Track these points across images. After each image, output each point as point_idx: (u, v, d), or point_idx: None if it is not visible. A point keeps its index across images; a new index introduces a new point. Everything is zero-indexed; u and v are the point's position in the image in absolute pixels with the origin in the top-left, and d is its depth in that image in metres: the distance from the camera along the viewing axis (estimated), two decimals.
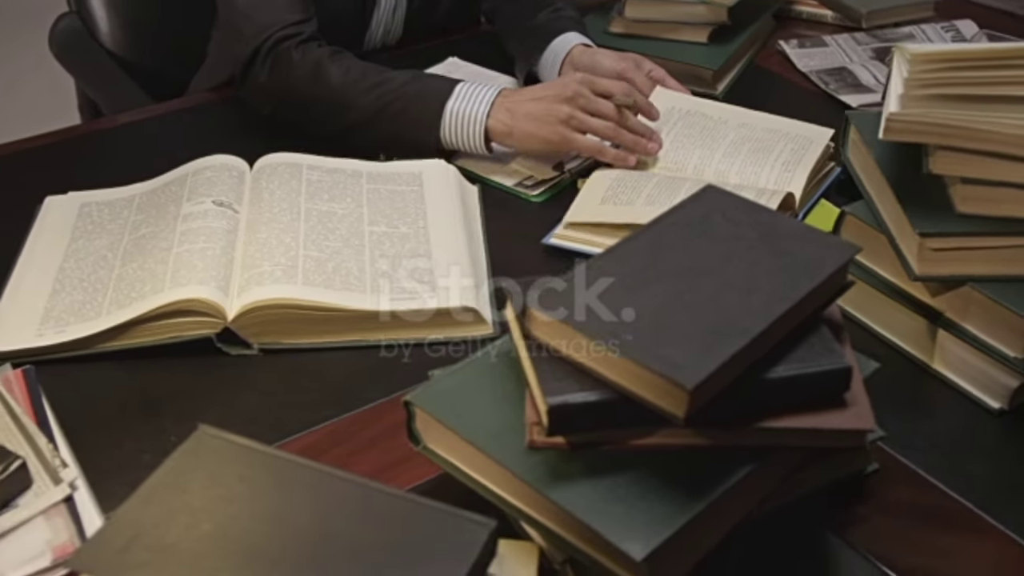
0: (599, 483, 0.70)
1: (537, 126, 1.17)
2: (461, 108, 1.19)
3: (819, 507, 0.80)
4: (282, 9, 1.26)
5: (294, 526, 0.64)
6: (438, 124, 1.19)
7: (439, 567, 0.61)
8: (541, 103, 1.18)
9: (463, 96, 1.20)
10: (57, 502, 0.77)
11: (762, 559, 0.77)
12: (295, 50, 1.24)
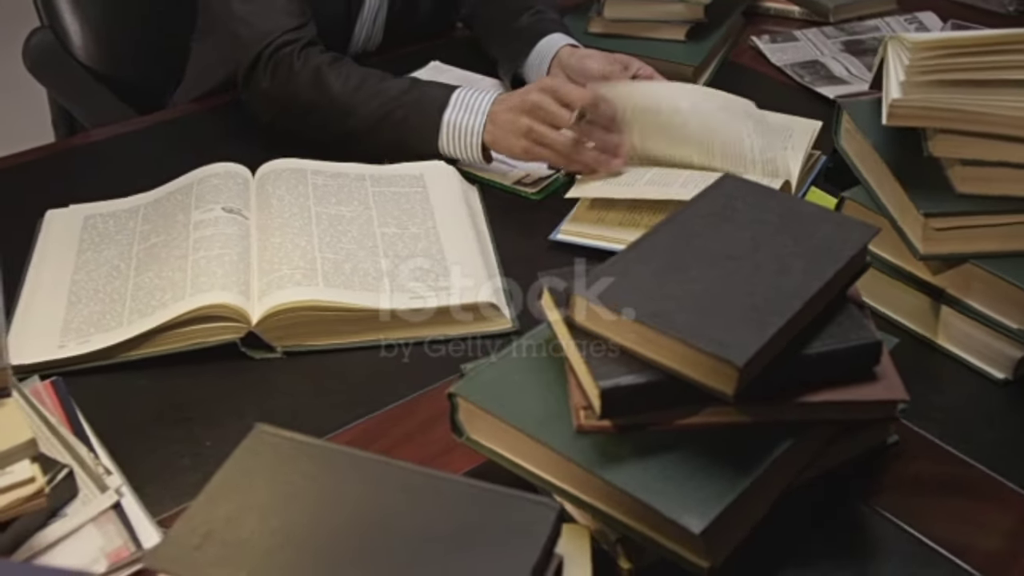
0: (649, 462, 0.72)
1: (507, 137, 1.18)
2: (458, 119, 1.20)
3: (848, 478, 0.84)
4: (281, 14, 1.27)
5: (362, 517, 0.65)
6: (437, 136, 1.20)
7: (513, 549, 0.62)
8: (509, 114, 1.18)
9: (460, 105, 1.20)
10: (106, 509, 0.77)
11: (797, 529, 0.79)
12: (296, 56, 1.25)
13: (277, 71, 1.25)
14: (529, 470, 0.77)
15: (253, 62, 1.26)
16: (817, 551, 0.78)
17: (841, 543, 0.79)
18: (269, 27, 1.25)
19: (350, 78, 1.23)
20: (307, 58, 1.25)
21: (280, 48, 1.25)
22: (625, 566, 0.75)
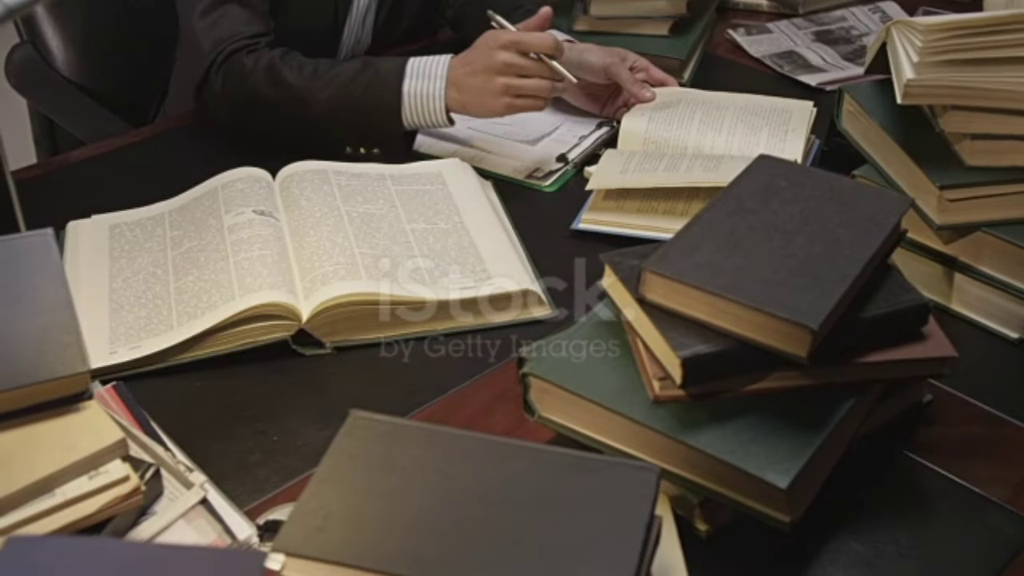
0: (727, 426, 0.76)
1: (482, 99, 1.21)
2: (418, 88, 1.22)
3: (892, 435, 0.89)
4: (239, 23, 1.30)
5: (474, 491, 0.67)
6: (399, 107, 1.23)
7: (625, 512, 0.66)
8: (478, 77, 1.20)
9: (417, 74, 1.23)
10: (194, 504, 0.79)
11: (851, 484, 0.84)
12: (246, 57, 1.27)
13: (230, 73, 1.28)
14: (605, 443, 0.80)
15: (207, 68, 1.28)
16: (872, 503, 0.83)
17: (894, 495, 0.84)
18: (225, 35, 1.28)
19: (303, 68, 1.26)
20: (258, 57, 1.27)
21: (232, 54, 1.27)
22: (703, 528, 0.78)
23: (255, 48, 1.29)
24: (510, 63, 1.19)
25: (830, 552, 0.79)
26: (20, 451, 0.74)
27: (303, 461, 0.87)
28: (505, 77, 1.19)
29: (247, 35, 1.29)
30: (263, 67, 1.26)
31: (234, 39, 1.28)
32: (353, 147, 1.27)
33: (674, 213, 1.15)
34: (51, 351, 0.77)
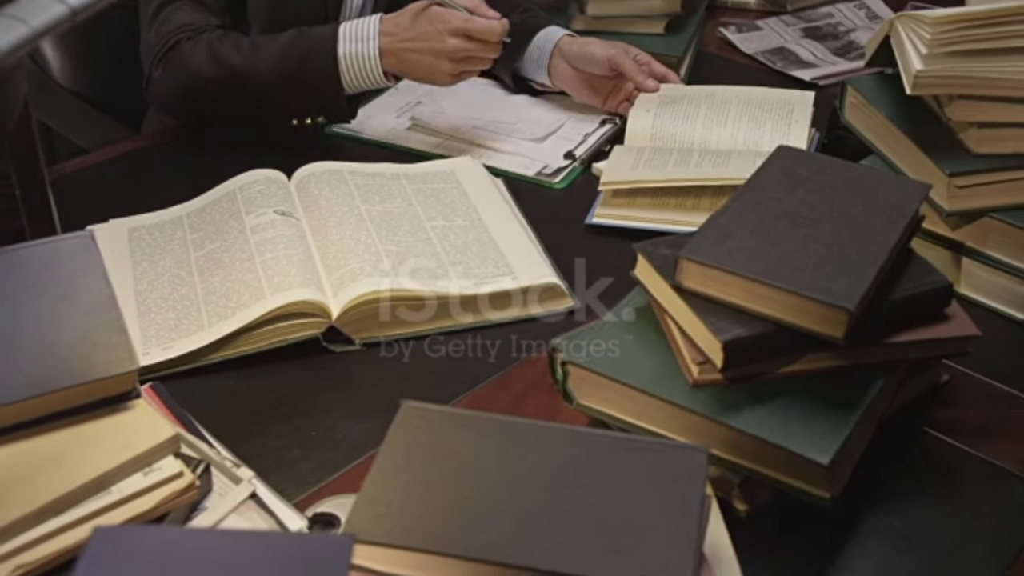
0: (766, 407, 0.79)
1: (430, 76, 1.28)
2: (352, 50, 1.26)
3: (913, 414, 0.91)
4: (185, 18, 1.32)
5: (529, 475, 0.69)
6: (336, 71, 1.27)
7: (680, 492, 0.68)
8: (425, 56, 1.26)
9: (349, 38, 1.27)
10: (245, 499, 0.80)
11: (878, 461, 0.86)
12: (185, 44, 1.30)
13: (170, 61, 1.30)
14: (645, 428, 0.82)
15: (150, 62, 1.31)
16: (900, 480, 0.86)
17: (920, 471, 0.87)
18: (169, 28, 1.31)
19: (240, 45, 1.29)
20: (197, 42, 1.30)
21: (176, 44, 1.30)
22: (742, 507, 0.81)
23: (194, 36, 1.31)
24: (460, 48, 1.25)
25: (865, 527, 0.81)
26: (75, 450, 0.75)
27: (343, 455, 0.88)
28: (455, 62, 1.26)
29: (192, 27, 1.31)
30: (202, 49, 1.29)
31: (178, 31, 1.31)
32: (299, 119, 1.31)
33: (684, 207, 1.17)
34: (100, 350, 0.78)
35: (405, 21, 1.27)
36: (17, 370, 0.76)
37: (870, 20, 1.73)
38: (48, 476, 0.74)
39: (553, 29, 1.44)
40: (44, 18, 0.57)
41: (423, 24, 1.26)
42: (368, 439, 0.90)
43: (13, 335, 0.78)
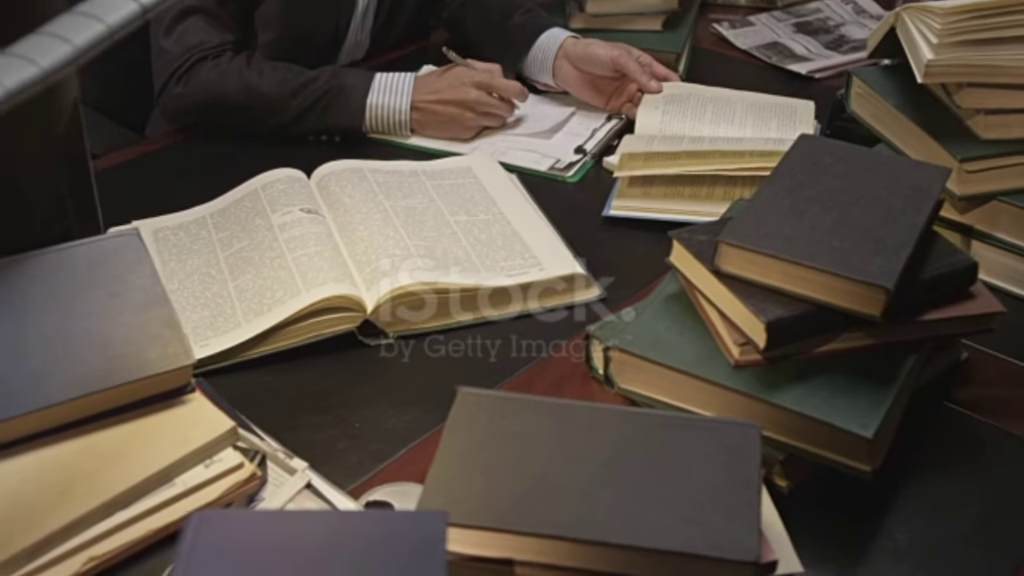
0: (806, 385, 0.81)
1: (452, 128, 1.36)
2: (382, 101, 1.34)
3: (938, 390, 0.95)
4: (203, 33, 1.35)
5: (591, 454, 0.71)
6: (362, 117, 1.34)
7: (737, 466, 0.70)
8: (448, 108, 1.35)
9: (382, 89, 1.35)
10: (301, 488, 0.81)
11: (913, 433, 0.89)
12: (211, 64, 1.34)
13: (193, 79, 1.34)
14: (688, 409, 0.85)
15: (170, 75, 1.34)
16: (930, 453, 0.89)
17: (948, 444, 0.90)
18: (190, 44, 1.34)
19: (270, 75, 1.34)
20: (224, 64, 1.34)
21: (197, 62, 1.34)
22: (783, 484, 0.83)
23: (219, 55, 1.35)
24: (482, 101, 1.36)
25: (901, 499, 0.84)
26: (136, 444, 0.76)
27: (390, 445, 0.90)
28: (475, 113, 1.36)
29: (211, 44, 1.35)
30: (232, 74, 1.33)
31: (199, 49, 1.34)
32: (315, 136, 1.37)
33: (699, 197, 1.20)
34: (155, 346, 0.79)
35: (431, 78, 1.38)
36: (74, 368, 0.77)
37: (857, 15, 1.78)
38: (112, 471, 0.75)
39: (556, 31, 1.47)
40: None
41: (448, 78, 1.37)
42: (412, 429, 0.92)
43: (68, 333, 0.78)
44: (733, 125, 1.31)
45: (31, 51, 0.54)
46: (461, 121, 1.36)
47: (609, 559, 0.66)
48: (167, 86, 1.35)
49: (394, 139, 1.37)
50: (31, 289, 0.81)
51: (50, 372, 0.76)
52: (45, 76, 0.54)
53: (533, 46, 1.46)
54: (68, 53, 0.56)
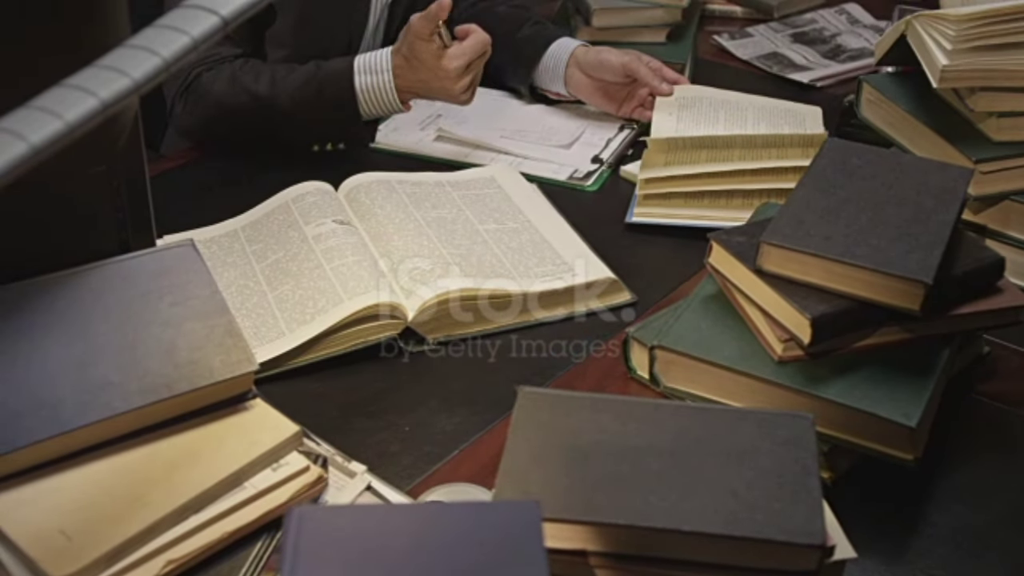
0: (848, 378, 0.84)
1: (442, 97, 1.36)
2: (368, 82, 1.35)
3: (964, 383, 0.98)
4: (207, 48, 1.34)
5: (653, 448, 0.74)
6: (355, 101, 1.35)
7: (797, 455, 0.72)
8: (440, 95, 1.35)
9: (365, 70, 1.35)
10: (362, 490, 0.83)
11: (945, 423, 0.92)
12: (206, 75, 1.35)
13: (193, 92, 1.36)
14: (733, 405, 0.87)
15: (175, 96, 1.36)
16: (963, 442, 0.92)
17: (979, 433, 0.94)
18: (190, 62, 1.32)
19: (262, 76, 1.35)
20: (218, 72, 1.35)
21: (196, 78, 1.35)
22: (827, 475, 0.86)
23: (215, 66, 1.36)
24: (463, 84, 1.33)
25: (938, 487, 0.88)
26: (205, 449, 0.78)
27: (442, 447, 0.92)
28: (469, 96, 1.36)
29: (213, 58, 1.36)
30: (224, 78, 1.35)
31: (200, 63, 1.36)
32: (320, 145, 1.38)
33: (717, 206, 1.23)
34: (219, 353, 0.81)
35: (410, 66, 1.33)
36: (141, 376, 0.78)
37: (852, 24, 1.82)
38: (183, 476, 0.76)
39: (566, 40, 1.50)
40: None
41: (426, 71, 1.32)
42: (461, 431, 0.94)
43: (134, 342, 0.80)
44: (747, 129, 1.35)
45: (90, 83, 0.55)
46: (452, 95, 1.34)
47: (679, 546, 0.68)
48: (174, 106, 1.37)
49: (417, 152, 1.38)
50: (94, 301, 0.82)
51: (117, 381, 0.78)
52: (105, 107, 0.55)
53: (544, 56, 1.49)
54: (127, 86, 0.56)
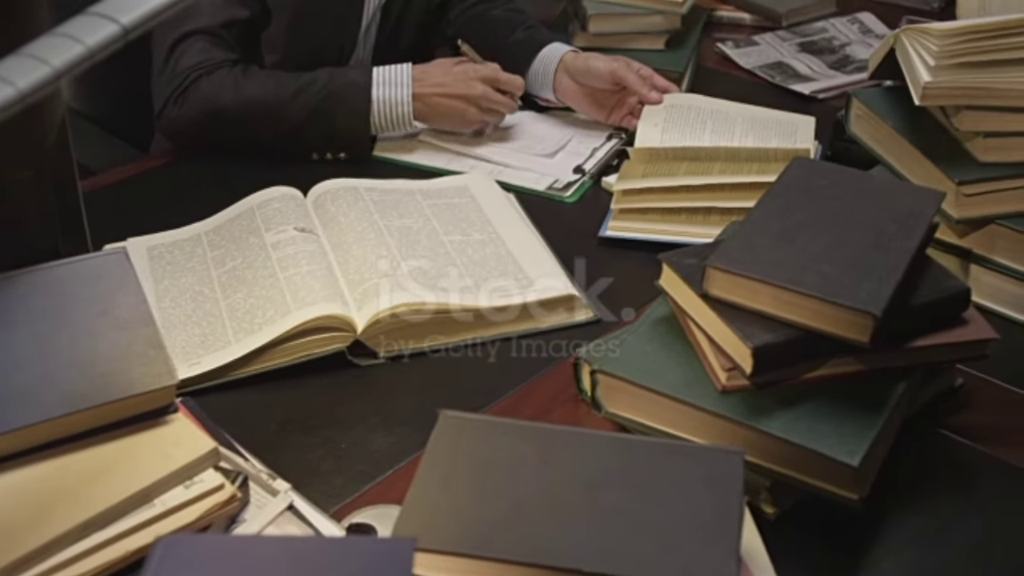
0: (793, 412, 0.80)
1: (451, 121, 1.38)
2: (386, 95, 1.34)
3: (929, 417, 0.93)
4: (201, 53, 1.35)
5: (572, 480, 0.71)
6: (368, 113, 1.34)
7: (719, 494, 0.69)
8: (452, 102, 1.36)
9: (383, 82, 1.35)
10: (283, 510, 0.81)
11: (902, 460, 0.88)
12: (206, 79, 1.33)
13: (190, 96, 1.34)
14: (675, 434, 0.84)
15: (167, 97, 1.34)
16: (920, 481, 0.87)
17: (939, 472, 0.89)
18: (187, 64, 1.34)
19: (267, 82, 1.34)
20: (219, 77, 1.33)
21: (193, 82, 1.33)
22: (770, 510, 0.82)
23: (214, 71, 1.34)
24: (486, 96, 1.37)
25: (890, 527, 0.83)
26: (117, 464, 0.76)
27: (375, 466, 0.89)
28: (479, 108, 1.37)
29: (211, 63, 1.35)
30: (227, 84, 1.33)
31: (196, 67, 1.34)
32: (320, 154, 1.36)
33: (694, 222, 1.19)
34: (139, 365, 0.79)
35: (435, 70, 1.38)
36: (59, 385, 0.77)
37: (863, 34, 1.77)
38: (92, 490, 0.74)
39: (557, 45, 1.47)
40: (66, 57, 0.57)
41: (456, 73, 1.37)
42: (398, 450, 0.91)
43: (54, 351, 0.78)
44: (733, 142, 1.31)
45: (9, 72, 0.54)
46: (464, 115, 1.37)
47: None
48: (165, 108, 1.35)
49: (396, 157, 1.37)
50: (18, 307, 0.81)
51: (35, 390, 0.76)
52: (23, 97, 0.54)
53: (534, 61, 1.47)
54: (47, 74, 0.56)
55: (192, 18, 1.34)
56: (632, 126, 1.38)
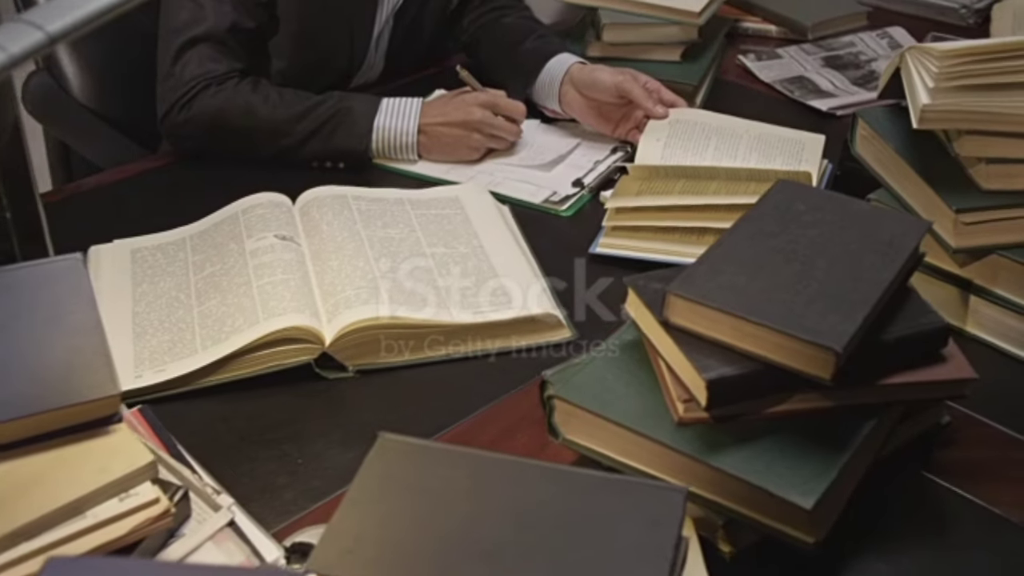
0: (751, 448, 0.77)
1: (456, 150, 1.36)
2: (389, 123, 1.33)
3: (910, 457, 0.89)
4: (209, 61, 1.34)
5: (503, 513, 0.68)
6: (368, 140, 1.33)
7: (654, 533, 0.66)
8: (453, 130, 1.34)
9: (389, 112, 1.34)
10: (222, 526, 0.79)
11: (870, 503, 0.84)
12: (215, 90, 1.33)
13: (197, 106, 1.33)
14: (630, 465, 0.81)
15: (172, 104, 1.34)
16: (893, 524, 0.83)
17: (914, 515, 0.85)
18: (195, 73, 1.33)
19: (274, 100, 1.33)
20: (227, 90, 1.33)
21: (201, 90, 1.33)
22: (726, 549, 0.79)
23: (223, 82, 1.34)
24: (486, 121, 1.34)
25: (855, 572, 0.79)
26: (52, 473, 0.75)
27: (328, 483, 0.88)
28: (481, 134, 1.35)
29: (217, 72, 1.34)
30: (236, 99, 1.33)
31: (204, 77, 1.33)
32: (319, 163, 1.36)
33: (688, 242, 1.15)
34: (82, 374, 0.78)
35: (436, 102, 1.38)
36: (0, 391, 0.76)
37: (892, 50, 1.71)
38: (23, 499, 0.73)
39: (565, 56, 1.44)
40: None
41: (455, 101, 1.37)
42: (355, 468, 0.87)
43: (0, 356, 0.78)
44: (736, 160, 1.27)
45: None
46: (467, 143, 1.35)
47: None
48: (170, 114, 1.35)
49: (396, 166, 1.35)
50: None
51: None
52: None
53: (542, 71, 1.44)
54: None
55: (199, 23, 1.34)
56: (637, 140, 1.35)
